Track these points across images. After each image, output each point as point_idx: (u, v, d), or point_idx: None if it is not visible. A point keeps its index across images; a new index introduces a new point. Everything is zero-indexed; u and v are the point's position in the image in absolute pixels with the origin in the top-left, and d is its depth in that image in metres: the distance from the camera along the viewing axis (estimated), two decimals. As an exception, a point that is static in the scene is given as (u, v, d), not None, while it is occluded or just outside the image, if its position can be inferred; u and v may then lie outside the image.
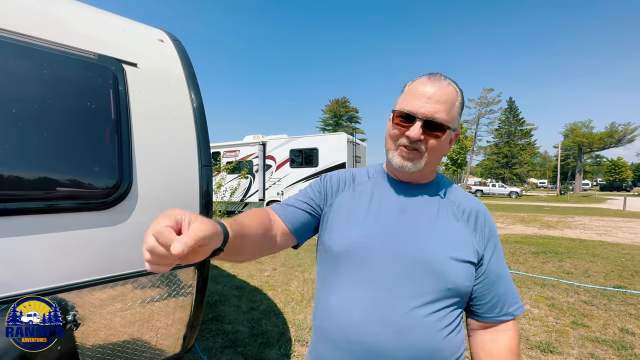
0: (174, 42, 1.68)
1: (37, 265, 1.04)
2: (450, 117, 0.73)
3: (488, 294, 0.77)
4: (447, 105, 0.72)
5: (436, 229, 0.75)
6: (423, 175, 0.80)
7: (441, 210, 0.78)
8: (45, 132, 1.06)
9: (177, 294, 1.45)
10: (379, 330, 0.68)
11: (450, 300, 0.72)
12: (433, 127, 0.71)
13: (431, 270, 0.70)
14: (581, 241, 7.20)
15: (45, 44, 1.14)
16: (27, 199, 1.02)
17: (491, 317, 0.77)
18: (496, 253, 0.78)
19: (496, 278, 0.77)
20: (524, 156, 45.12)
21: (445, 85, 0.73)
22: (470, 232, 0.77)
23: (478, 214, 0.80)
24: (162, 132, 1.38)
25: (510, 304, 0.78)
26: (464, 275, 0.72)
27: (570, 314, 3.26)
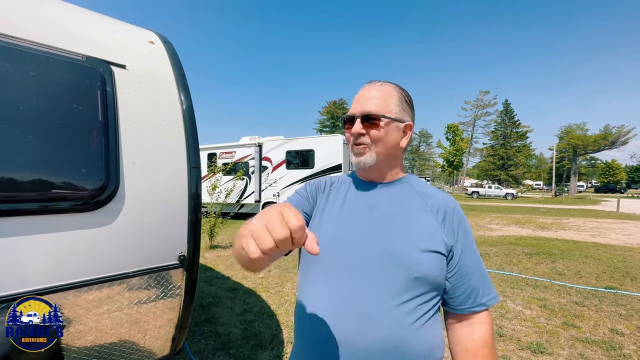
0: (164, 44, 1.69)
1: (22, 267, 1.04)
2: (385, 108, 0.81)
3: (461, 286, 0.78)
4: (379, 99, 0.81)
5: (404, 222, 0.78)
6: (385, 173, 0.86)
7: (410, 205, 0.82)
8: (32, 133, 1.06)
9: (166, 295, 1.45)
10: (345, 320, 0.71)
11: (419, 291, 0.73)
12: (369, 119, 0.80)
13: (398, 261, 0.73)
14: (574, 242, 7.26)
15: (33, 45, 1.14)
16: (12, 200, 1.01)
17: (465, 309, 0.79)
18: (468, 245, 0.80)
19: (469, 270, 0.78)
20: (520, 158, 45.44)
21: (378, 85, 0.84)
22: (439, 225, 0.79)
23: (447, 207, 0.82)
24: (150, 133, 1.38)
25: (483, 295, 0.79)
26: (431, 264, 0.74)
27: (562, 314, 3.28)
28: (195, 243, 1.48)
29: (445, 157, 22.07)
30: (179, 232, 1.45)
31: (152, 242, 1.35)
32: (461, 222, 0.81)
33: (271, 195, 11.47)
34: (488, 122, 49.65)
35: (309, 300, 0.79)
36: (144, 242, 1.33)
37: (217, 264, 5.28)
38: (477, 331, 0.78)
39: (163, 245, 1.39)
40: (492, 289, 0.81)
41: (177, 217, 1.43)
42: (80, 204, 1.14)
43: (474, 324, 0.78)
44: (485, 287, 0.80)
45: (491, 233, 8.83)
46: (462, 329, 0.80)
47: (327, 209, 0.86)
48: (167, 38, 1.78)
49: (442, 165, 23.04)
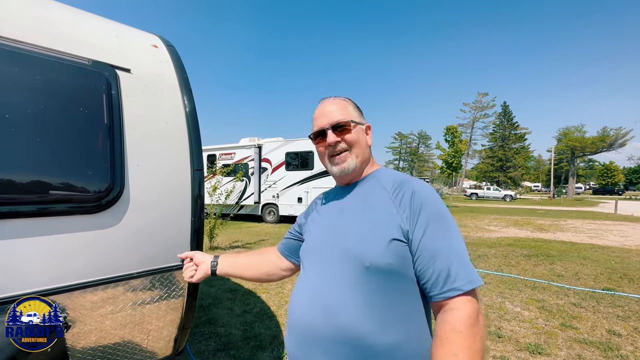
0: (167, 48, 1.71)
1: (29, 268, 1.06)
2: (347, 115, 0.91)
3: (427, 271, 0.74)
4: (340, 110, 0.92)
5: (362, 217, 0.83)
6: (360, 173, 0.94)
7: (370, 198, 0.86)
8: (39, 136, 1.08)
9: (169, 296, 1.47)
10: (311, 311, 0.80)
11: (377, 282, 0.74)
12: (339, 126, 0.89)
13: (350, 254, 0.79)
14: (572, 244, 7.30)
15: (39, 50, 1.16)
16: (19, 202, 1.03)
17: (436, 295, 0.73)
18: (433, 228, 0.75)
19: (433, 253, 0.74)
20: (518, 160, 45.58)
21: (332, 100, 0.95)
22: (397, 210, 0.79)
23: (407, 192, 0.81)
24: (154, 136, 1.40)
25: (456, 279, 0.71)
26: (381, 251, 0.74)
27: (560, 316, 3.31)
28: (198, 244, 1.50)
29: (444, 159, 22.10)
30: (183, 234, 1.46)
31: (156, 244, 1.37)
32: (425, 205, 0.78)
33: (270, 197, 11.48)
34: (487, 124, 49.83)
35: (291, 297, 0.92)
36: (147, 244, 1.34)
37: (217, 265, 5.29)
38: (448, 317, 0.71)
39: (166, 247, 1.41)
40: (470, 273, 0.72)
41: (181, 219, 1.44)
42: (86, 206, 1.15)
43: (448, 310, 0.72)
44: (459, 271, 0.72)
45: (490, 234, 8.86)
46: (439, 315, 0.74)
47: (313, 222, 0.99)
48: (170, 42, 1.81)
49: (440, 167, 23.07)
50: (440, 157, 22.93)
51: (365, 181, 0.93)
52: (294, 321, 0.86)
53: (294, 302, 0.89)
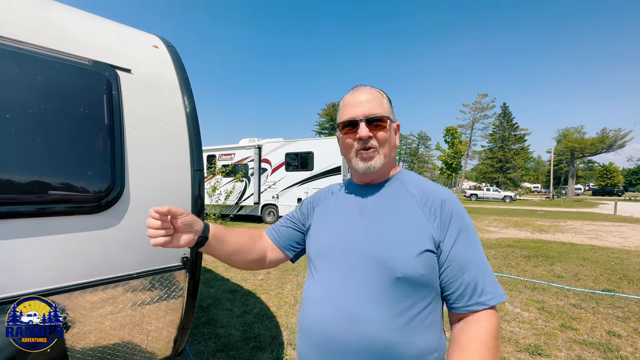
0: (168, 48, 1.71)
1: (28, 268, 1.05)
2: (384, 110, 0.83)
3: (454, 282, 0.73)
4: (376, 101, 0.83)
5: (390, 222, 0.78)
6: (384, 174, 0.87)
7: (397, 203, 0.81)
8: (39, 136, 1.08)
9: (169, 297, 1.46)
10: (334, 319, 0.74)
11: (405, 292, 0.72)
12: (375, 121, 0.81)
13: (379, 262, 0.74)
14: (572, 245, 7.30)
15: (40, 50, 1.16)
16: (20, 202, 1.03)
17: (461, 307, 0.73)
18: (462, 239, 0.75)
19: (463, 264, 0.73)
20: (518, 161, 45.62)
21: (368, 89, 0.86)
22: (427, 219, 0.76)
23: (435, 200, 0.78)
24: (155, 136, 1.40)
25: (482, 293, 0.71)
26: (414, 263, 0.71)
27: (560, 317, 3.30)
28: (198, 245, 1.50)
29: (444, 160, 22.13)
30: (182, 234, 1.46)
31: (156, 244, 1.37)
32: (455, 215, 0.77)
33: (270, 197, 11.48)
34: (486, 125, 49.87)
35: (307, 301, 0.84)
36: (147, 244, 1.33)
37: (217, 266, 5.28)
38: (471, 327, 0.71)
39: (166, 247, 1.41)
40: (496, 287, 0.73)
41: (181, 219, 1.44)
42: (86, 206, 1.15)
43: (471, 321, 0.72)
44: (485, 284, 0.72)
45: (489, 235, 8.86)
46: (459, 324, 0.75)
47: (324, 216, 0.91)
48: (171, 42, 1.81)
49: (440, 168, 23.08)
50: (440, 158, 22.97)
51: (389, 183, 0.87)
52: (311, 327, 0.79)
53: (310, 307, 0.82)
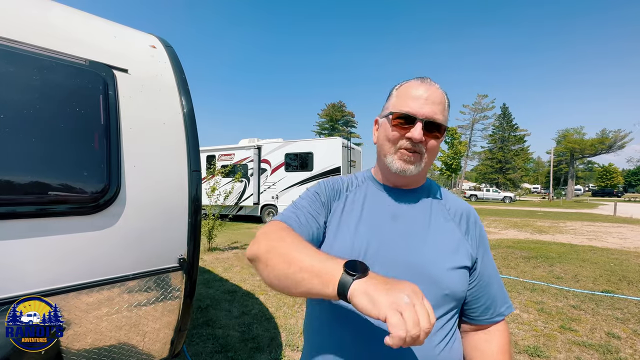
0: (165, 48, 1.70)
1: (23, 269, 1.05)
2: (445, 118, 0.74)
3: (482, 297, 0.77)
4: (441, 107, 0.73)
5: (430, 235, 0.73)
6: (416, 180, 0.79)
7: (433, 214, 0.77)
8: (34, 137, 1.07)
9: (165, 298, 1.46)
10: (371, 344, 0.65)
11: (446, 308, 0.71)
12: (433, 127, 0.71)
13: (427, 277, 0.68)
14: (572, 246, 7.30)
15: (36, 50, 1.15)
16: (14, 203, 1.02)
17: (485, 319, 0.77)
18: (487, 255, 0.79)
19: (489, 280, 0.77)
20: (518, 161, 45.64)
21: (437, 88, 0.75)
22: (463, 236, 0.76)
23: (469, 217, 0.80)
24: (151, 137, 1.39)
25: (501, 304, 0.78)
26: (459, 280, 0.71)
27: (559, 318, 3.30)
28: (195, 246, 1.49)
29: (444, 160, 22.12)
30: (179, 235, 1.46)
31: (153, 245, 1.36)
32: (482, 232, 0.80)
33: (270, 198, 11.47)
34: (486, 126, 49.86)
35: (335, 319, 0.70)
36: (144, 245, 1.34)
37: (215, 267, 5.27)
38: (495, 338, 0.77)
39: (163, 248, 1.40)
40: (508, 297, 0.80)
41: (178, 220, 1.44)
42: (82, 207, 1.15)
43: (492, 331, 0.77)
44: (503, 296, 0.79)
45: (489, 236, 8.82)
46: (479, 335, 0.78)
47: (345, 216, 0.78)
48: (169, 42, 1.80)
49: (440, 169, 23.08)
50: (440, 159, 22.95)
51: (421, 192, 0.82)
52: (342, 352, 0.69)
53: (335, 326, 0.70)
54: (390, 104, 0.77)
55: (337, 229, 0.76)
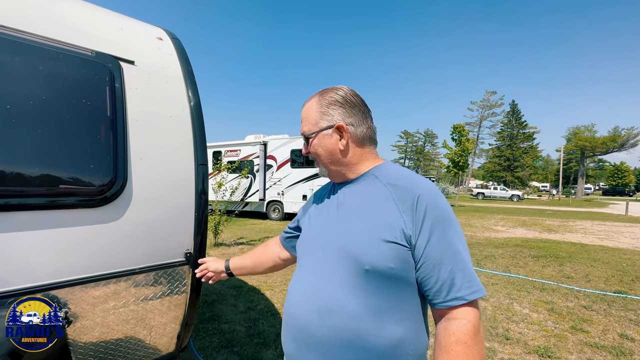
0: (172, 40, 1.68)
1: (29, 262, 1.04)
2: (310, 124, 0.88)
3: (431, 278, 0.73)
4: (308, 118, 0.89)
5: (362, 216, 0.79)
6: (344, 174, 0.90)
7: (370, 196, 0.82)
8: (40, 128, 1.06)
9: (172, 292, 1.45)
10: (307, 312, 0.79)
11: (375, 284, 0.73)
12: (305, 139, 0.92)
13: (348, 254, 0.76)
14: (582, 245, 7.16)
15: (43, 40, 1.13)
16: (19, 195, 1.01)
17: (439, 303, 0.73)
18: (437, 235, 0.73)
19: (438, 260, 0.72)
20: (526, 159, 44.99)
21: (306, 104, 0.91)
22: (399, 214, 0.75)
23: (410, 194, 0.76)
24: (158, 130, 1.37)
25: (460, 288, 0.71)
26: (383, 255, 0.72)
27: (570, 318, 3.23)
28: (202, 240, 1.47)
29: (451, 158, 21.87)
30: (186, 229, 1.44)
31: (159, 239, 1.35)
32: (430, 210, 0.74)
33: (275, 194, 11.48)
34: (494, 123, 49.24)
35: (288, 295, 0.90)
36: (150, 239, 1.32)
37: (222, 262, 5.30)
38: (452, 326, 0.71)
39: (169, 242, 1.39)
40: (474, 282, 0.73)
41: (184, 214, 1.42)
42: (88, 199, 1.13)
43: (451, 319, 0.72)
44: (464, 280, 0.72)
45: (497, 235, 8.74)
46: (441, 323, 0.75)
47: (309, 215, 0.98)
48: (176, 35, 1.78)
49: (447, 166, 22.83)
50: (447, 156, 22.71)
51: (363, 179, 0.87)
52: (289, 320, 0.85)
53: (289, 300, 0.87)
54: None
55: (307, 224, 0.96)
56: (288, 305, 0.87)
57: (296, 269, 0.93)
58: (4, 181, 0.99)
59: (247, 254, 1.26)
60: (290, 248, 1.13)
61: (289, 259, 1.16)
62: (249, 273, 1.27)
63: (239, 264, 1.24)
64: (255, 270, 1.24)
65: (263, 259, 1.21)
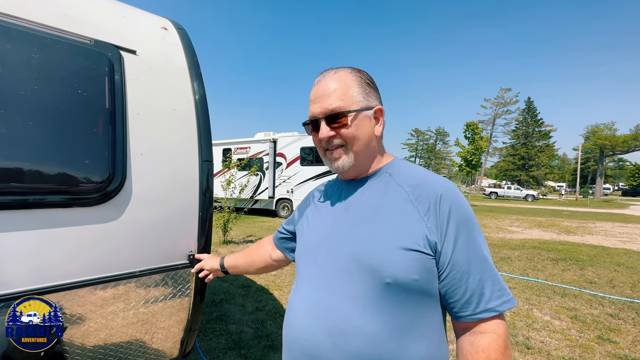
0: (178, 30, 1.59)
1: (21, 264, 0.97)
2: (347, 101, 0.72)
3: (459, 289, 0.65)
4: (338, 92, 0.72)
5: (377, 220, 0.69)
6: (364, 169, 0.78)
7: (385, 197, 0.72)
8: (33, 121, 0.99)
9: (175, 296, 1.37)
10: (315, 334, 0.67)
11: (396, 299, 0.64)
12: (334, 118, 0.72)
13: (365, 265, 0.66)
14: (604, 248, 6.84)
15: (37, 27, 1.06)
16: (11, 192, 0.94)
17: (468, 316, 0.65)
18: (463, 239, 0.65)
19: (466, 269, 0.65)
20: (542, 158, 43.75)
21: (332, 75, 0.75)
22: (420, 217, 0.66)
23: (430, 194, 0.68)
24: (160, 124, 1.29)
25: (491, 299, 0.64)
26: (406, 266, 0.63)
27: (595, 327, 3.04)
28: (206, 242, 1.39)
29: (463, 156, 21.38)
30: (189, 230, 1.36)
31: (161, 240, 1.27)
32: (453, 212, 0.67)
33: (285, 192, 11.43)
34: (509, 121, 48.06)
35: (288, 314, 0.78)
36: (151, 240, 1.24)
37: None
38: (481, 342, 0.64)
39: (172, 243, 1.30)
40: (505, 291, 0.66)
41: (187, 214, 1.33)
42: (83, 197, 1.06)
43: (479, 332, 0.65)
44: (494, 289, 0.65)
45: (512, 236, 8.46)
46: (465, 336, 0.67)
47: (312, 215, 0.86)
48: (181, 25, 1.69)
49: (459, 165, 22.35)
50: (459, 155, 22.22)
51: (376, 177, 0.78)
52: (292, 344, 0.73)
53: (291, 318, 0.75)
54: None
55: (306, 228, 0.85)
56: (290, 326, 0.75)
57: (295, 281, 0.81)
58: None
59: (240, 253, 1.22)
60: (284, 249, 1.06)
61: (282, 260, 1.09)
62: (242, 272, 1.21)
63: (233, 263, 1.20)
64: (248, 270, 1.19)
65: (255, 259, 1.15)
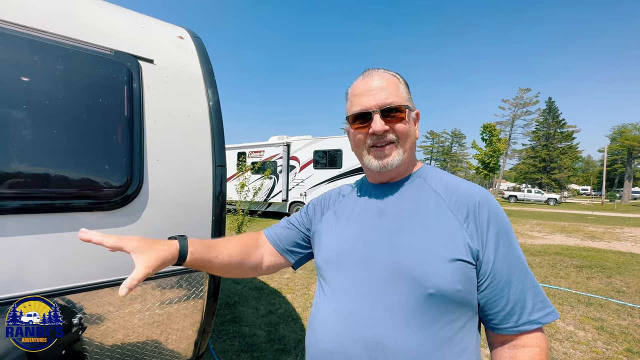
0: (193, 39, 1.64)
1: (43, 266, 1.01)
2: (401, 97, 0.71)
3: (500, 300, 0.63)
4: (392, 88, 0.71)
5: (416, 227, 0.66)
6: (403, 171, 0.76)
7: (423, 203, 0.69)
8: (56, 128, 1.04)
9: (189, 298, 1.40)
10: (347, 347, 0.63)
11: (439, 311, 0.61)
12: (391, 111, 0.70)
13: (407, 275, 0.62)
14: (633, 256, 6.48)
15: (61, 39, 1.12)
16: (33, 197, 0.99)
17: (509, 328, 0.63)
18: (504, 247, 0.64)
19: (508, 278, 0.62)
20: (565, 160, 42.02)
21: (381, 73, 0.74)
22: (460, 224, 0.64)
23: (469, 201, 0.66)
24: (175, 130, 1.33)
25: (533, 310, 0.62)
26: (449, 277, 0.61)
27: (624, 339, 2.88)
28: (219, 245, 1.41)
29: (480, 159, 20.84)
30: (203, 233, 1.39)
31: (175, 243, 1.30)
32: (493, 218, 0.65)
33: (298, 195, 11.49)
34: (528, 122, 46.51)
35: (314, 324, 0.72)
36: (167, 243, 1.27)
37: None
38: (523, 356, 0.61)
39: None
40: (547, 302, 0.64)
41: (201, 217, 1.37)
42: (103, 202, 1.10)
43: (520, 346, 0.62)
44: (536, 300, 0.62)
45: (533, 241, 8.15)
46: (504, 349, 0.64)
47: (336, 220, 0.80)
48: (197, 33, 1.74)
49: (476, 167, 21.79)
50: (477, 157, 21.67)
51: (410, 181, 0.75)
52: (321, 356, 0.67)
53: (319, 331, 0.70)
54: (346, 110, 0.78)
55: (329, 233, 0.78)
56: (317, 337, 0.70)
57: (321, 289, 0.75)
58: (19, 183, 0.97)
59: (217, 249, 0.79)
60: (286, 252, 0.87)
61: (276, 265, 0.88)
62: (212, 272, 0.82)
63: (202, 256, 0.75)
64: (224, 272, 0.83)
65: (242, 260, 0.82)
